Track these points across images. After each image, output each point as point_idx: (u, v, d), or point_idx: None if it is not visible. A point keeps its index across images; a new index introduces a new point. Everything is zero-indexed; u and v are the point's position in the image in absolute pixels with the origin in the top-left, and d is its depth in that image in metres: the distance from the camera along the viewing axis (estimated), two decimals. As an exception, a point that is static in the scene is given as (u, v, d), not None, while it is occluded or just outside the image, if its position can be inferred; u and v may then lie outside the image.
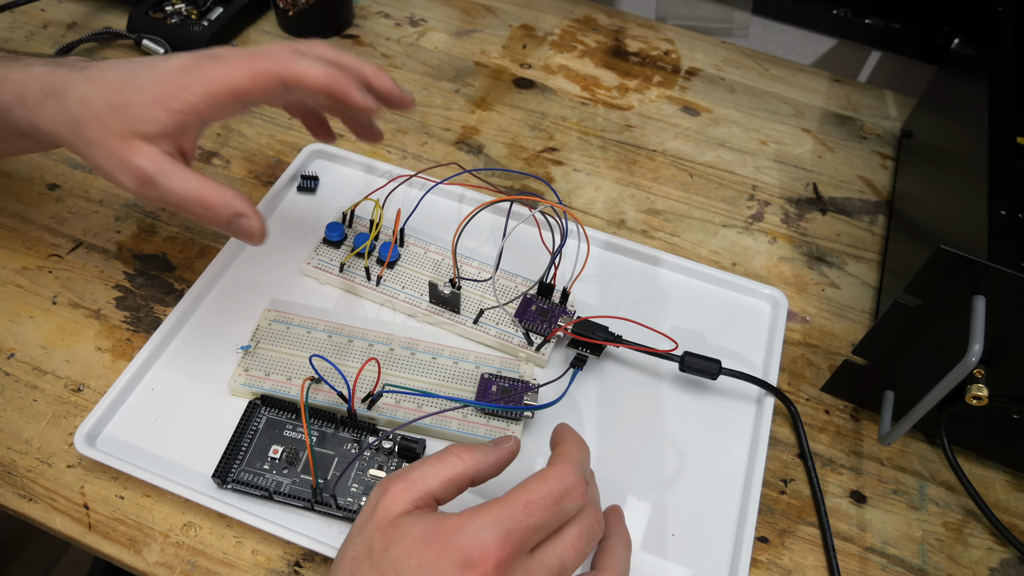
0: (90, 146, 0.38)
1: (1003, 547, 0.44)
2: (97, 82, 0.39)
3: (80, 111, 0.38)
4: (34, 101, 0.40)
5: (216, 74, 0.38)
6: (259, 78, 0.38)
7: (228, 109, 0.39)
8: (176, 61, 0.39)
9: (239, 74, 0.38)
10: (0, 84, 0.41)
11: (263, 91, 0.38)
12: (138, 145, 0.38)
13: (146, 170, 0.38)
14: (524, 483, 0.32)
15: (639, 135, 0.65)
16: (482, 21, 0.74)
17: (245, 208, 0.39)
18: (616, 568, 0.34)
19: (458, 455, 0.34)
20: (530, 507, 0.31)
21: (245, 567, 0.40)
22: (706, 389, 0.48)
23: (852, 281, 0.56)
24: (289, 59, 0.38)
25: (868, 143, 0.66)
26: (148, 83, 0.38)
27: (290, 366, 0.45)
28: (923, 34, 0.71)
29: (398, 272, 0.50)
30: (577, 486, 0.32)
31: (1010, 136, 0.45)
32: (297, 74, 0.38)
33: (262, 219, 0.40)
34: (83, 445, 0.41)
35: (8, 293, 0.50)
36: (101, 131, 0.38)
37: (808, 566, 0.43)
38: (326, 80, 0.38)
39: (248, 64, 0.38)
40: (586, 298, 0.51)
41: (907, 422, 0.40)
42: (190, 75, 0.38)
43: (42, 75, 0.40)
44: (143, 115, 0.37)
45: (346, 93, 0.39)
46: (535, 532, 0.31)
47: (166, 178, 0.38)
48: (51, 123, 0.40)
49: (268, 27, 0.71)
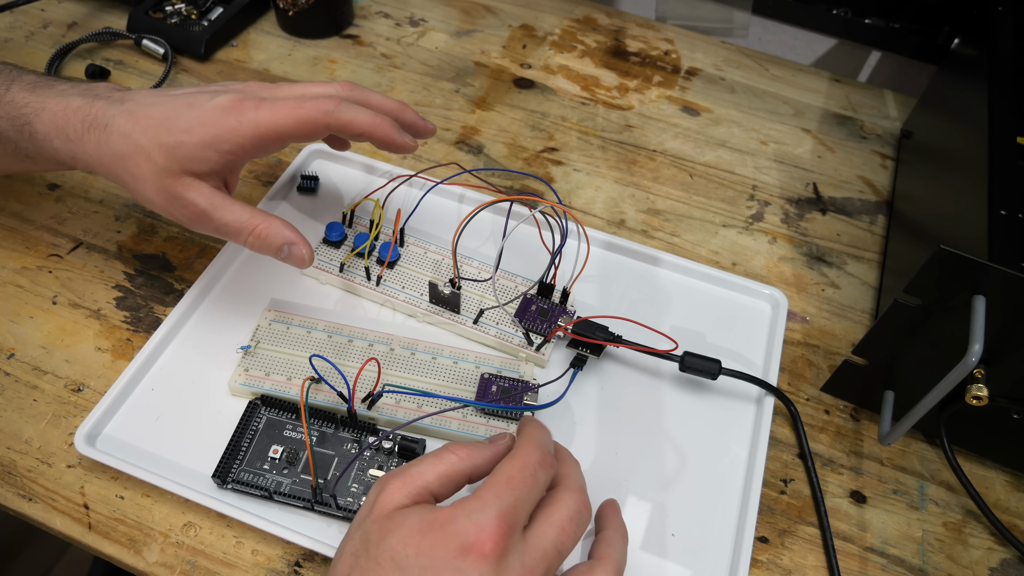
0: (138, 180, 0.41)
1: (1003, 547, 0.44)
2: (140, 119, 0.41)
3: (125, 147, 0.41)
4: (75, 134, 0.42)
5: (263, 119, 0.40)
6: (306, 125, 0.41)
7: (272, 148, 0.42)
8: (220, 101, 0.41)
9: (286, 119, 0.40)
10: (38, 114, 0.42)
11: (309, 135, 0.41)
12: (190, 182, 0.41)
13: (201, 206, 0.41)
14: (500, 466, 0.34)
15: (639, 135, 0.65)
16: (482, 21, 0.74)
17: (294, 237, 0.43)
18: (612, 557, 0.35)
19: (455, 452, 0.35)
20: (512, 482, 0.32)
21: (245, 567, 0.40)
22: (706, 389, 0.48)
23: (852, 281, 0.56)
24: (333, 108, 0.41)
25: (868, 143, 0.66)
26: (195, 124, 0.40)
27: (290, 366, 0.45)
28: (923, 34, 0.71)
29: (398, 272, 0.50)
30: (544, 457, 0.34)
31: (1010, 136, 0.45)
32: (342, 122, 0.41)
33: (309, 245, 0.43)
34: (83, 445, 0.41)
35: (8, 293, 0.50)
36: (150, 168, 0.40)
37: (808, 566, 0.43)
38: (371, 127, 0.42)
39: (295, 110, 0.40)
40: (586, 298, 0.51)
41: (907, 422, 0.40)
42: (238, 118, 0.40)
43: (81, 108, 0.42)
44: (194, 156, 0.40)
45: (391, 138, 0.42)
46: (523, 505, 0.32)
47: (219, 212, 0.41)
48: (92, 156, 0.42)
49: (268, 27, 0.71)
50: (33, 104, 0.43)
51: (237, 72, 0.66)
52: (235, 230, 0.42)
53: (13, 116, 0.43)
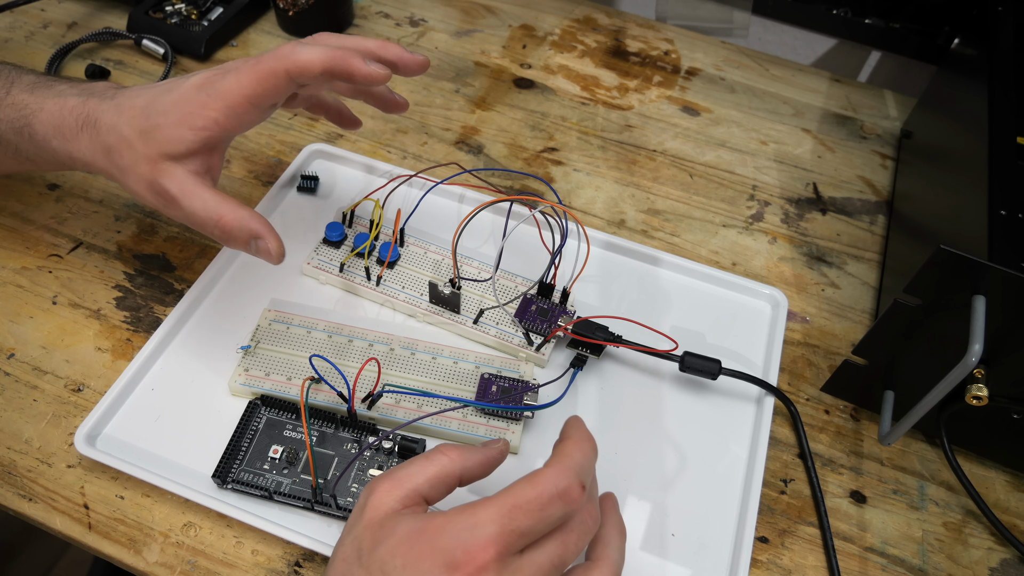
0: (123, 172, 0.40)
1: (1003, 547, 0.44)
2: (125, 110, 0.40)
3: (111, 139, 0.40)
4: (71, 133, 0.42)
5: (229, 86, 0.39)
6: (267, 78, 0.39)
7: (248, 117, 0.40)
8: (192, 80, 0.40)
9: (248, 79, 0.39)
10: (36, 115, 0.42)
11: (274, 89, 0.39)
12: (167, 167, 0.40)
13: (171, 191, 0.40)
14: (513, 485, 0.31)
15: (639, 135, 0.65)
16: (482, 21, 0.74)
17: (261, 229, 0.40)
18: (611, 558, 0.34)
19: (446, 453, 0.34)
20: (515, 512, 0.30)
21: (245, 567, 0.40)
22: (706, 389, 0.48)
23: (852, 281, 0.56)
24: (289, 52, 0.39)
25: (868, 143, 0.66)
26: (170, 105, 0.39)
27: (290, 366, 0.45)
28: (923, 34, 0.71)
29: (398, 272, 0.50)
30: (570, 490, 0.31)
31: (1010, 136, 0.45)
32: (298, 63, 0.39)
33: (279, 240, 0.41)
34: (83, 445, 0.41)
35: (8, 293, 0.50)
36: (131, 156, 0.40)
37: (808, 566, 0.43)
38: (325, 60, 0.39)
39: (254, 68, 0.39)
40: (586, 298, 0.51)
41: (907, 422, 0.40)
42: (207, 91, 0.39)
43: (76, 107, 0.42)
44: (169, 136, 0.39)
45: (347, 66, 0.39)
46: (520, 537, 0.30)
47: (188, 199, 0.39)
48: (87, 153, 0.41)
49: (268, 27, 0.71)
50: (32, 105, 0.43)
51: (237, 72, 0.66)
52: (201, 220, 0.40)
53: (13, 119, 0.43)
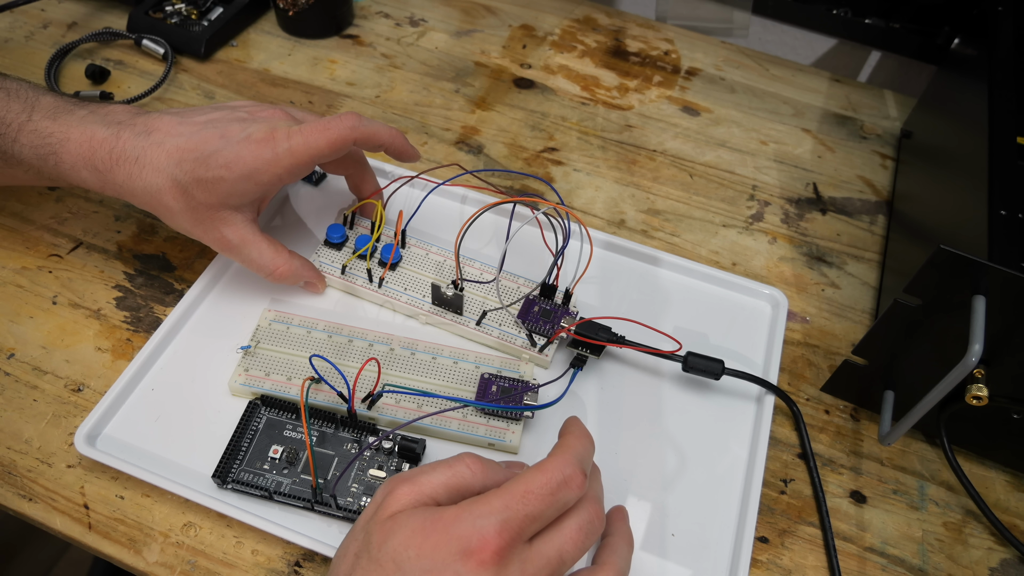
0: (174, 213, 0.43)
1: (1003, 547, 0.44)
2: (172, 152, 0.42)
3: (160, 181, 0.42)
4: (104, 166, 0.43)
5: (297, 146, 0.42)
6: (336, 143, 0.43)
7: (304, 173, 0.44)
8: (253, 133, 0.42)
9: (318, 143, 0.42)
10: (63, 145, 0.43)
11: (337, 152, 0.43)
12: (226, 216, 0.44)
13: (231, 241, 0.44)
14: (522, 474, 0.32)
15: (639, 135, 0.65)
16: (482, 21, 0.74)
17: (312, 277, 0.48)
18: (616, 564, 0.35)
19: (469, 467, 0.33)
20: (527, 496, 0.31)
21: (245, 567, 0.40)
22: (705, 389, 0.48)
23: (852, 281, 0.56)
24: (357, 123, 0.44)
25: (868, 143, 0.66)
26: (232, 159, 0.42)
27: (290, 366, 0.45)
28: (923, 34, 0.71)
29: (400, 274, 0.50)
30: (574, 476, 0.32)
31: (1010, 136, 0.45)
32: (368, 134, 0.44)
33: (324, 280, 0.49)
34: (83, 445, 0.41)
35: (8, 293, 0.50)
36: (187, 202, 0.42)
37: (808, 566, 0.43)
38: (391, 136, 0.46)
39: (325, 133, 0.42)
40: (587, 298, 0.51)
41: (907, 422, 0.40)
42: (274, 149, 0.42)
43: (107, 140, 0.43)
44: (232, 190, 0.42)
45: (405, 147, 0.47)
46: (532, 521, 0.31)
47: (247, 248, 0.45)
48: (123, 187, 0.43)
49: (268, 27, 0.71)
50: (57, 134, 0.43)
51: (237, 72, 0.66)
52: (256, 267, 0.45)
53: (37, 145, 0.43)
